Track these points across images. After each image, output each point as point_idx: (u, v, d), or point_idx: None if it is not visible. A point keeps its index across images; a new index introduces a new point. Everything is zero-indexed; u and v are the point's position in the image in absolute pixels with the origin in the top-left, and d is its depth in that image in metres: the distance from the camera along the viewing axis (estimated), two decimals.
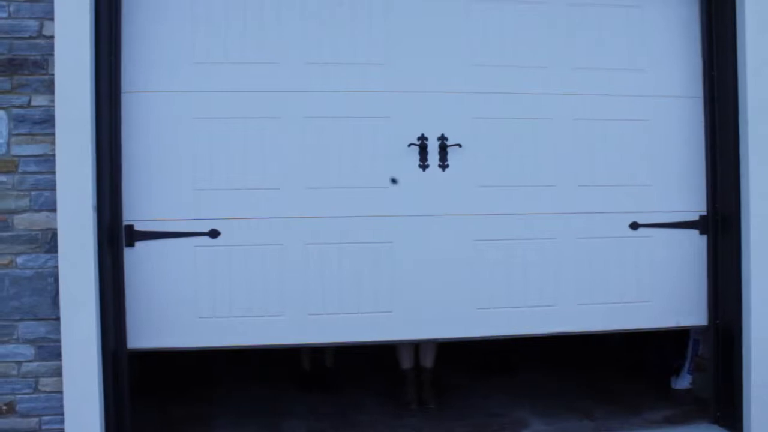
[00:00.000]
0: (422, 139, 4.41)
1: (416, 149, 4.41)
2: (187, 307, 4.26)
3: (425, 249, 4.43)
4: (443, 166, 4.43)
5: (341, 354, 5.85)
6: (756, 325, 4.43)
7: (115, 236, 4.10)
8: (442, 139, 4.43)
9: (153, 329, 4.22)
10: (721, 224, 4.60)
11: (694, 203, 4.66)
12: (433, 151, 4.43)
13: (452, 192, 4.45)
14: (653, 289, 4.65)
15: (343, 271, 4.38)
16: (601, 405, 5.23)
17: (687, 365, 5.42)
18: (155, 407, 5.14)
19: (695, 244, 4.67)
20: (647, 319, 4.68)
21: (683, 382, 5.42)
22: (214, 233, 4.26)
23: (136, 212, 4.18)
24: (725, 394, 4.60)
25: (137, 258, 4.19)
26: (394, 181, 4.37)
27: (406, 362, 5.31)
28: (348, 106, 4.36)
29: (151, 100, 4.19)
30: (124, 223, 4.15)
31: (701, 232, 4.66)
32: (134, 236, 4.18)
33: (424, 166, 4.42)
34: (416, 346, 5.30)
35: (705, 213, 4.65)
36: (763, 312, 4.44)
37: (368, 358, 6.18)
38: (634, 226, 4.61)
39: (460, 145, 4.42)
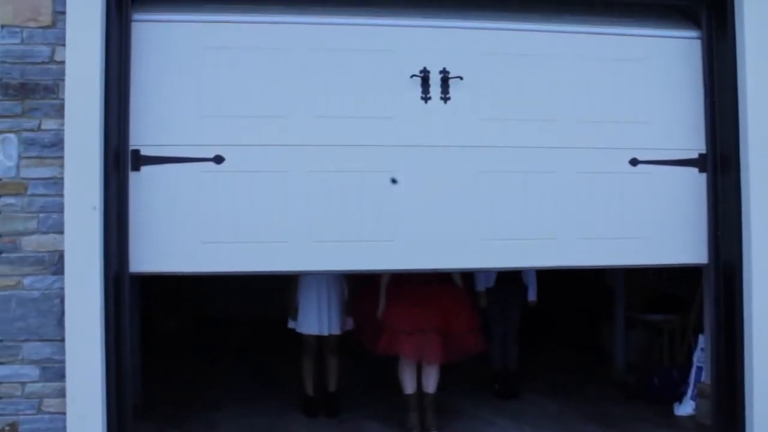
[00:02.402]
0: (424, 72, 4.45)
1: (418, 81, 4.45)
2: (190, 232, 4.25)
3: (428, 179, 4.45)
4: (445, 98, 4.47)
5: (344, 379, 5.84)
6: (757, 264, 4.43)
7: (121, 160, 4.12)
8: (444, 72, 4.47)
9: (156, 254, 4.21)
10: (720, 163, 4.61)
11: (693, 142, 4.67)
12: (435, 84, 4.46)
13: (454, 124, 4.48)
14: (653, 225, 4.65)
15: (346, 199, 4.39)
16: (603, 431, 5.21)
17: (690, 392, 5.41)
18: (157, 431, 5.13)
19: (695, 182, 4.67)
20: (647, 255, 4.68)
21: (686, 408, 5.41)
22: (218, 159, 4.28)
23: (143, 137, 4.20)
24: (727, 417, 4.58)
25: (142, 182, 4.20)
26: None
27: (409, 387, 5.30)
28: (351, 38, 4.42)
29: (160, 29, 4.26)
30: (131, 147, 4.17)
31: (700, 171, 4.67)
32: (140, 161, 4.20)
33: (426, 98, 4.46)
34: (419, 371, 5.30)
35: (704, 151, 4.66)
36: (764, 251, 4.43)
37: (371, 383, 6.19)
38: (634, 162, 4.63)
39: (461, 78, 4.45)
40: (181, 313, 9.84)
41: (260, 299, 9.34)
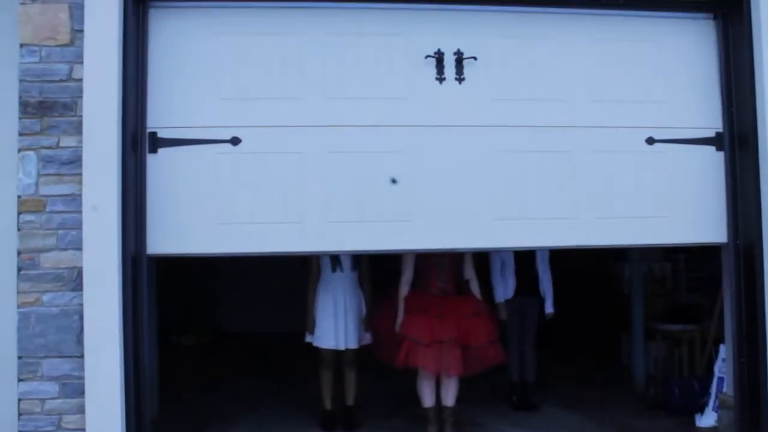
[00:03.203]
0: (438, 53, 4.48)
1: (433, 62, 4.47)
2: (207, 213, 4.28)
3: (443, 159, 4.46)
4: (460, 79, 4.49)
5: (363, 393, 5.82)
6: None
7: (138, 143, 4.17)
8: (458, 53, 4.49)
9: (174, 235, 4.23)
10: (738, 141, 4.60)
11: (709, 120, 4.67)
12: (449, 65, 4.49)
13: (469, 104, 4.50)
14: (671, 204, 4.62)
15: (362, 180, 4.41)
16: None
17: (712, 402, 5.35)
18: None
19: (712, 161, 4.65)
20: (666, 234, 4.66)
21: (708, 419, 5.34)
22: (235, 141, 4.31)
23: (161, 119, 4.24)
24: (751, 427, 4.51)
25: (160, 164, 4.23)
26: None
27: (428, 400, 5.28)
28: (365, 22, 4.46)
29: (178, 16, 4.31)
30: (148, 130, 4.22)
31: (717, 149, 4.66)
32: (157, 143, 4.24)
33: (441, 78, 4.48)
34: (438, 383, 5.28)
35: (721, 130, 4.65)
36: None
37: (390, 396, 6.16)
38: (650, 141, 4.61)
39: (475, 58, 4.48)
40: (198, 328, 9.88)
41: (277, 313, 9.38)
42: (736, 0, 4.54)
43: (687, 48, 4.69)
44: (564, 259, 7.17)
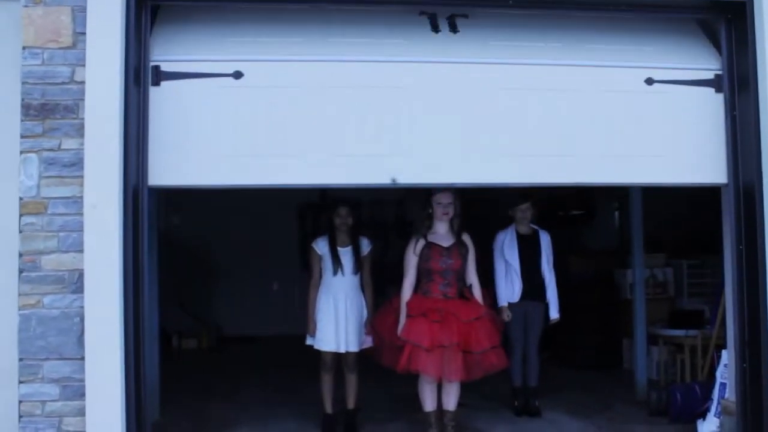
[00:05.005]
0: (432, 14, 4.59)
1: (427, 19, 4.58)
2: (209, 146, 4.31)
3: (443, 95, 4.50)
4: (454, 30, 4.59)
5: (363, 396, 5.81)
6: None
7: (141, 75, 4.19)
8: (450, 16, 4.61)
9: (175, 167, 4.27)
10: (738, 83, 4.60)
11: (708, 61, 4.69)
12: (443, 22, 4.60)
13: (466, 46, 4.56)
14: (671, 145, 4.63)
15: (362, 114, 4.45)
16: None
17: (714, 408, 5.33)
18: None
19: (711, 102, 4.66)
20: (665, 174, 4.68)
21: (710, 425, 5.30)
22: (237, 74, 4.34)
23: (164, 52, 4.30)
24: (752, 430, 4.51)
25: (162, 97, 4.26)
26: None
27: (429, 405, 5.25)
28: None
29: (181, 13, 4.40)
30: (151, 63, 4.25)
31: (717, 91, 4.66)
32: (160, 76, 4.27)
33: (436, 30, 4.58)
34: (439, 388, 5.26)
35: (720, 71, 4.66)
36: None
37: (391, 400, 6.15)
38: (650, 81, 4.62)
39: (467, 16, 4.59)
40: (199, 332, 9.88)
41: (278, 316, 9.39)
42: None
43: None
44: (567, 264, 7.16)
